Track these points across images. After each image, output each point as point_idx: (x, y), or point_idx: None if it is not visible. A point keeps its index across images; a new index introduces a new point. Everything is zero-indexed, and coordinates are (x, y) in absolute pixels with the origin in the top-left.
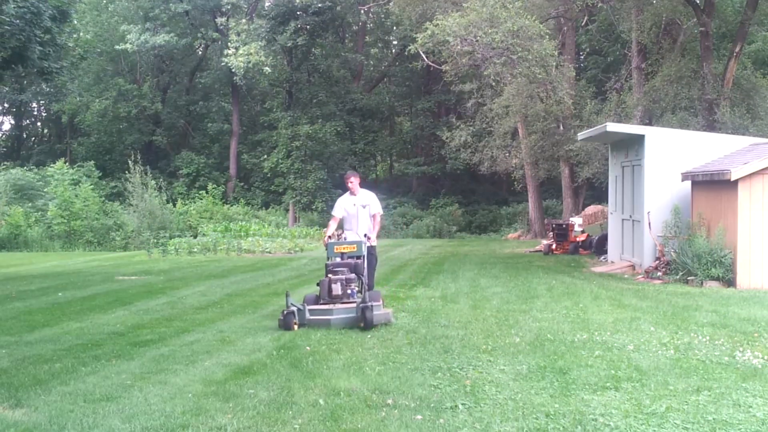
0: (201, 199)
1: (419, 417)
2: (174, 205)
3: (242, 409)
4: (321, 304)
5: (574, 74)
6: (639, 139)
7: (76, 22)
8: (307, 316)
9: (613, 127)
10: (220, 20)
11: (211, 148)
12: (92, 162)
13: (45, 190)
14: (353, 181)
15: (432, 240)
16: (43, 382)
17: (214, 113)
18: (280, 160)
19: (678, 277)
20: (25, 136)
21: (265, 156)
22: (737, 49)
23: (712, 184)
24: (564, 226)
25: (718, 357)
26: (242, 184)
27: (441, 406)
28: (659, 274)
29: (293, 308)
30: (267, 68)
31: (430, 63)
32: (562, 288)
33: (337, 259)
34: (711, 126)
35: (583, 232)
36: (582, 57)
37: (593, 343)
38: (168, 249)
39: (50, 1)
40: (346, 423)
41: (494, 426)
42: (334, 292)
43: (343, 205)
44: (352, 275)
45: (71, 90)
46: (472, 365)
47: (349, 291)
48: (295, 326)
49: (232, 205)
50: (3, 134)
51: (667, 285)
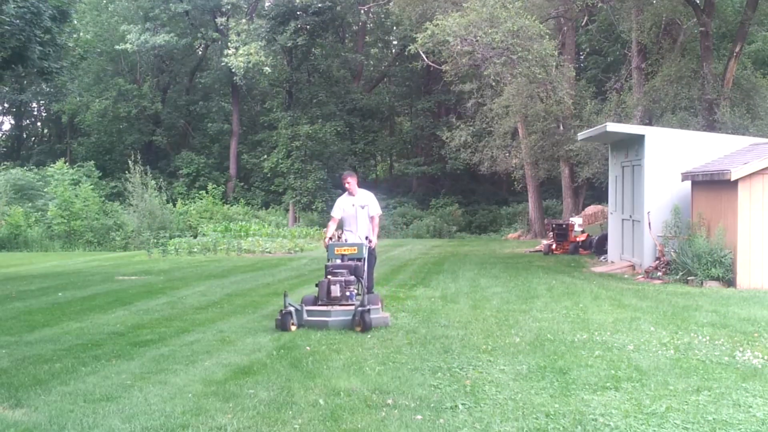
0: (201, 199)
1: (419, 417)
2: (174, 205)
3: (242, 409)
4: (319, 305)
5: (574, 74)
6: (639, 139)
7: (76, 22)
8: (305, 317)
9: (613, 127)
10: (220, 20)
11: (211, 148)
12: (92, 162)
13: (45, 190)
14: (350, 182)
15: (432, 240)
16: (43, 382)
17: (214, 113)
18: (280, 160)
19: (678, 277)
20: (25, 136)
21: (265, 156)
22: (737, 49)
23: (712, 184)
24: (564, 226)
25: (718, 357)
26: (242, 184)
27: (441, 406)
28: (659, 274)
29: (290, 308)
30: (267, 68)
31: (430, 63)
32: (562, 288)
33: (338, 261)
34: (711, 126)
35: (583, 232)
36: (582, 57)
37: (593, 343)
38: (168, 249)
39: (50, 1)
40: (346, 423)
41: (494, 426)
42: (332, 294)
43: (342, 205)
44: (352, 277)
45: (71, 90)
46: (472, 365)
47: (347, 293)
48: (292, 327)
49: (232, 205)
50: (3, 134)
51: (667, 285)
